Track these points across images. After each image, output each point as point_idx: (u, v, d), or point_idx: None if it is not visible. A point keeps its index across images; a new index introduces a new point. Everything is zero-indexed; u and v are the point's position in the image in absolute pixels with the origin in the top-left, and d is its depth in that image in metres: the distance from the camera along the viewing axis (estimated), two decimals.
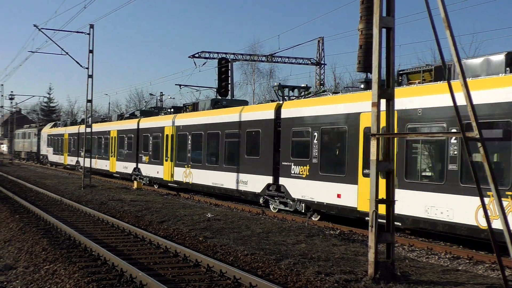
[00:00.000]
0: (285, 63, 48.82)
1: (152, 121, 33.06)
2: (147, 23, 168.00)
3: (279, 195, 20.55)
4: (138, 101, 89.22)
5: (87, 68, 29.89)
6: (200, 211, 19.28)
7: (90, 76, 29.79)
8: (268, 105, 22.53)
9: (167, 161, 29.75)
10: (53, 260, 11.08)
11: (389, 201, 9.92)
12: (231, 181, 23.48)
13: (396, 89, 16.12)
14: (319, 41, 50.00)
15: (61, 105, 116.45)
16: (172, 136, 29.30)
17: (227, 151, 24.23)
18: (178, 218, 17.54)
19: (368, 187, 15.89)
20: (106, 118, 50.01)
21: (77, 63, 31.46)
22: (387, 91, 9.99)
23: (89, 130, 31.99)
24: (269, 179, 21.04)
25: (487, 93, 12.85)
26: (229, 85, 35.23)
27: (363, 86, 18.56)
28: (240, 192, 23.11)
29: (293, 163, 19.58)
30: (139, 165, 33.83)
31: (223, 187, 24.26)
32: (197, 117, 27.40)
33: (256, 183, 21.89)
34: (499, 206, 8.01)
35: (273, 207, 21.15)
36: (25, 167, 56.54)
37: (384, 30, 9.86)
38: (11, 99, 71.17)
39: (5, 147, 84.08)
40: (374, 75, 9.76)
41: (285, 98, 22.59)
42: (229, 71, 35.50)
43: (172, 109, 34.03)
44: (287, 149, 19.95)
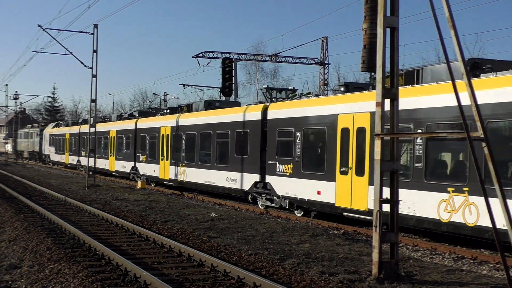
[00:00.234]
0: (289, 63, 48.78)
1: (149, 122, 34.05)
2: (151, 23, 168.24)
3: (266, 192, 21.55)
4: (142, 101, 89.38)
5: (91, 68, 29.93)
6: (204, 211, 19.30)
7: (94, 76, 29.84)
8: (255, 106, 23.35)
9: (162, 160, 30.73)
10: (58, 259, 11.11)
11: (393, 201, 9.91)
12: (222, 179, 24.50)
13: (369, 92, 17.55)
14: (323, 41, 49.95)
15: (65, 105, 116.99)
16: (167, 136, 30.29)
17: (218, 151, 25.29)
18: (182, 217, 17.56)
19: (344, 184, 17.43)
20: (106, 118, 50.38)
21: (81, 63, 31.56)
22: (391, 90, 9.97)
23: (93, 130, 32.01)
24: (257, 177, 22.04)
25: (450, 97, 13.13)
26: (233, 85, 35.25)
27: (343, 89, 19.55)
28: (230, 189, 24.11)
29: (278, 162, 20.57)
30: (137, 164, 34.78)
31: (215, 185, 25.28)
32: (191, 118, 28.43)
33: (244, 181, 22.86)
34: (503, 205, 7.98)
35: (261, 204, 22.04)
36: (30, 166, 56.70)
37: (388, 29, 9.84)
38: (16, 99, 71.15)
39: (9, 147, 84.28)
40: (378, 75, 9.75)
41: (273, 100, 23.61)
42: (233, 71, 35.53)
43: (168, 110, 34.86)
44: (273, 149, 20.98)
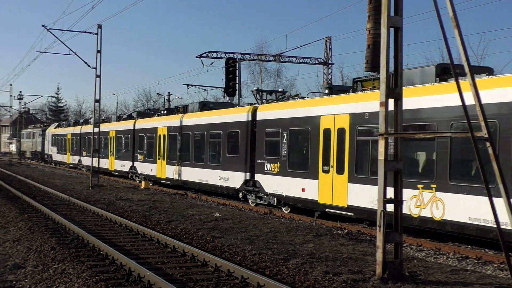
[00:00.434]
0: (292, 62, 48.78)
1: (146, 122, 35.08)
2: (154, 23, 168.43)
3: (255, 190, 22.58)
4: (146, 100, 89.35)
5: (95, 68, 30.01)
6: (207, 211, 19.31)
7: (98, 76, 29.90)
8: (245, 108, 24.32)
9: (159, 159, 31.81)
10: (62, 259, 11.13)
11: (397, 201, 9.89)
12: (215, 177, 25.57)
13: (348, 95, 18.47)
14: (326, 41, 49.93)
15: (69, 105, 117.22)
16: (164, 136, 31.35)
17: (211, 150, 26.42)
18: (185, 217, 17.57)
19: (326, 182, 18.17)
20: (106, 119, 50.88)
21: (85, 63, 31.59)
22: (395, 90, 9.94)
23: (97, 129, 32.08)
24: (247, 176, 23.11)
25: (421, 100, 14.75)
26: (237, 85, 35.21)
27: (327, 91, 20.56)
28: (222, 187, 25.13)
29: (266, 161, 21.58)
30: (135, 164, 35.86)
31: (208, 183, 26.31)
32: (186, 119, 29.41)
33: (235, 179, 23.94)
34: (507, 204, 7.97)
35: (251, 201, 23.02)
36: (34, 167, 56.84)
37: (392, 29, 9.82)
38: (20, 99, 71.30)
39: (14, 147, 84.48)
40: (382, 75, 9.73)
41: (263, 101, 24.72)
42: (237, 71, 35.45)
43: (165, 111, 35.93)
44: (261, 148, 22.01)
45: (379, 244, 9.50)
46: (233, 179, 24.07)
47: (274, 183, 20.98)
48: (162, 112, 36.72)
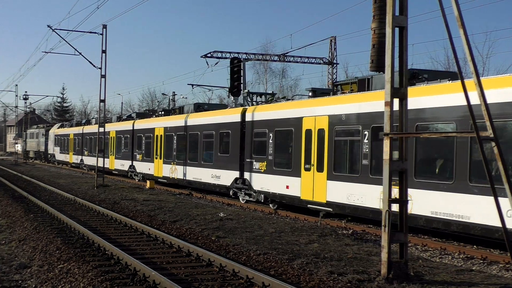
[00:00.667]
0: (297, 62, 48.72)
1: (144, 123, 36.35)
2: (159, 23, 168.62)
3: (244, 188, 23.60)
4: (150, 100, 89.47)
5: (100, 68, 30.04)
6: (212, 211, 19.32)
7: (103, 76, 29.94)
8: (236, 109, 25.52)
9: (157, 159, 32.95)
10: (67, 259, 11.16)
11: (402, 201, 9.87)
12: (208, 176, 26.68)
13: (328, 98, 19.33)
14: (331, 41, 49.88)
15: (75, 105, 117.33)
16: (161, 136, 32.48)
17: (204, 150, 27.49)
18: (190, 217, 17.59)
19: (307, 179, 19.11)
20: (107, 119, 51.28)
21: (90, 63, 31.67)
22: (400, 90, 9.92)
23: (102, 129, 32.18)
24: (237, 174, 24.13)
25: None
26: (241, 85, 35.21)
27: (310, 94, 21.62)
28: (214, 185, 26.29)
29: (254, 160, 22.72)
30: (134, 163, 37.05)
31: (201, 182, 27.43)
32: (181, 120, 30.53)
33: (226, 177, 24.99)
34: None
35: (241, 198, 23.97)
36: (39, 166, 57.03)
37: (397, 29, 9.81)
38: (25, 99, 71.57)
39: (19, 147, 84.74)
40: (387, 74, 9.71)
41: (253, 103, 25.99)
42: (242, 71, 35.43)
43: (162, 112, 37.06)
44: (250, 148, 23.15)
45: (384, 244, 9.49)
46: (224, 177, 25.11)
47: (261, 181, 22.15)
48: (159, 113, 37.92)
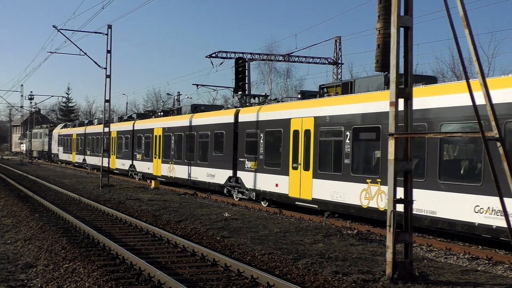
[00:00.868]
0: (302, 62, 48.67)
1: (144, 123, 37.41)
2: (164, 23, 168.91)
3: (237, 186, 24.56)
4: (155, 100, 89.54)
5: (105, 68, 30.08)
6: (217, 211, 19.34)
7: (108, 76, 29.98)
8: (229, 111, 26.61)
9: (155, 158, 33.97)
10: (73, 258, 11.19)
11: (407, 201, 9.86)
12: (203, 174, 27.76)
13: (313, 100, 20.22)
14: (336, 41, 49.80)
15: (80, 105, 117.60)
16: (159, 136, 33.50)
17: (200, 150, 28.45)
18: (195, 217, 17.61)
19: (295, 178, 19.96)
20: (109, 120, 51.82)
21: (95, 63, 31.70)
22: (405, 90, 9.91)
23: (107, 130, 32.26)
24: (230, 173, 25.14)
25: (368, 105, 16.92)
26: (246, 85, 35.24)
27: (299, 96, 22.64)
28: (209, 184, 27.25)
29: (246, 159, 23.67)
30: (134, 162, 38.15)
31: (197, 180, 28.46)
32: (178, 120, 31.63)
33: (220, 176, 26.05)
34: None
35: (235, 196, 24.86)
36: (44, 166, 57.20)
37: (402, 29, 9.79)
38: (31, 99, 71.81)
39: (24, 147, 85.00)
40: (392, 75, 9.70)
41: (247, 104, 26.95)
42: (246, 71, 35.48)
43: (161, 113, 38.05)
44: (242, 148, 24.13)
45: (389, 244, 9.48)
46: (219, 176, 26.18)
47: (253, 179, 23.13)
48: (158, 114, 38.99)
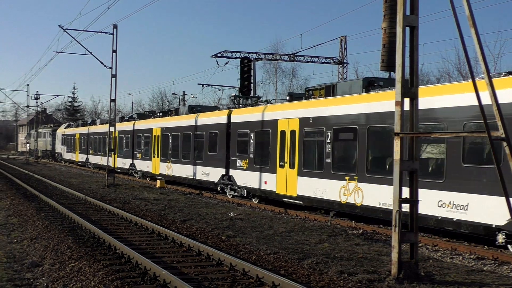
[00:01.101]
0: (307, 62, 48.72)
1: (144, 124, 38.62)
2: (170, 23, 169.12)
3: (229, 183, 25.75)
4: (161, 100, 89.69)
5: (111, 68, 30.14)
6: (222, 210, 19.35)
7: (113, 75, 30.04)
8: (222, 112, 27.89)
9: (154, 157, 35.13)
10: (78, 257, 11.22)
11: (413, 201, 9.84)
12: (198, 173, 29.01)
13: (298, 102, 21.43)
14: (341, 40, 49.76)
15: (85, 105, 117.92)
16: (158, 136, 34.68)
17: (196, 149, 29.62)
18: (201, 217, 17.62)
19: (282, 175, 21.61)
20: (111, 120, 52.14)
21: (101, 63, 31.79)
22: (410, 90, 9.89)
23: (112, 129, 32.41)
24: (223, 171, 26.32)
25: (347, 107, 18.08)
26: (252, 84, 35.26)
27: (288, 98, 23.94)
28: (204, 182, 28.44)
29: (238, 158, 24.91)
30: (134, 161, 39.39)
31: (193, 178, 29.60)
32: (176, 121, 32.81)
33: (214, 174, 27.25)
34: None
35: (228, 193, 25.98)
36: (50, 166, 57.36)
37: (407, 28, 9.78)
38: (37, 99, 72.03)
39: (29, 146, 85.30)
40: (397, 74, 9.69)
41: (240, 105, 28.26)
42: (252, 70, 35.51)
43: (160, 113, 39.40)
44: (234, 147, 25.32)
45: (395, 244, 9.47)
46: (213, 174, 27.40)
47: (244, 177, 24.37)
48: (157, 114, 40.21)
